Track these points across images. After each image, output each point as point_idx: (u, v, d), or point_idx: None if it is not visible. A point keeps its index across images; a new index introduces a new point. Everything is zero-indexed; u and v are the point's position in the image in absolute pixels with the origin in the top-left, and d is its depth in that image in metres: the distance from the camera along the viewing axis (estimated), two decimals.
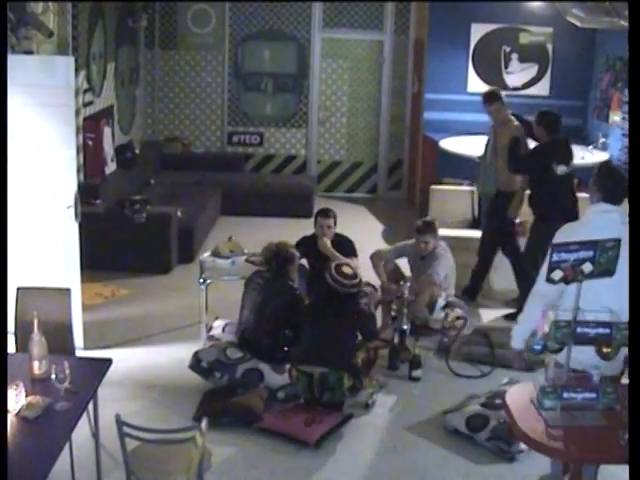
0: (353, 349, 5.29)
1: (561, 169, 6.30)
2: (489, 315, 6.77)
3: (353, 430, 5.02)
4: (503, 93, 7.16)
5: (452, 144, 9.01)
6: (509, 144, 6.65)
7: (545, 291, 3.88)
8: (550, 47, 9.62)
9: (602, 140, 8.88)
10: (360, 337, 5.38)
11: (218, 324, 5.92)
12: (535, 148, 6.62)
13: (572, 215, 5.97)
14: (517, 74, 9.70)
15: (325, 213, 6.37)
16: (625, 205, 3.82)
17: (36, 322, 3.91)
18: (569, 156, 6.44)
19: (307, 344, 5.22)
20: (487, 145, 7.25)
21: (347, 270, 5.33)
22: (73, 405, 3.67)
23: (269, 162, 10.81)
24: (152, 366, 5.78)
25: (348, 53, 10.60)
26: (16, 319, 4.61)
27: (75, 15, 7.38)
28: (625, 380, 3.75)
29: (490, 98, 7.08)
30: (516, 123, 6.94)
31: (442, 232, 6.64)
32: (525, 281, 6.17)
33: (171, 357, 5.88)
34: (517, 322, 4.20)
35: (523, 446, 4.60)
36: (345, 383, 5.08)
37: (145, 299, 7.02)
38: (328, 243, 6.18)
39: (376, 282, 6.32)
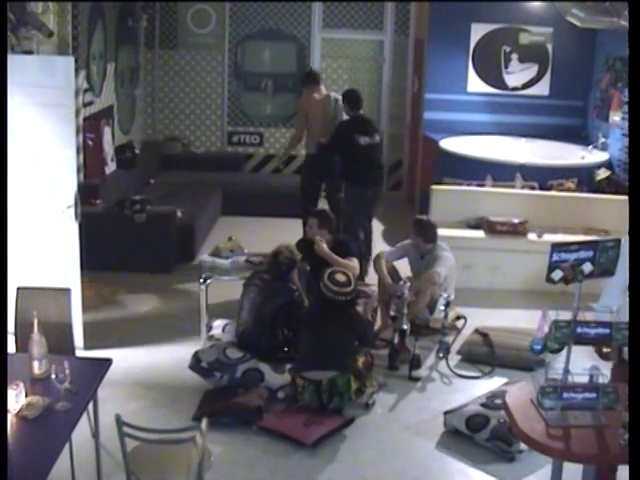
0: (354, 352, 5.29)
1: (363, 139, 7.25)
2: (489, 315, 6.77)
3: (353, 430, 5.02)
4: (503, 93, 7.30)
5: (452, 144, 9.01)
6: (329, 138, 7.60)
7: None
8: (550, 47, 9.62)
9: (602, 140, 8.88)
10: (357, 342, 5.37)
11: (218, 324, 5.92)
12: (340, 124, 7.58)
13: (377, 181, 7.44)
14: (517, 74, 9.70)
15: (312, 213, 6.38)
16: None
17: (36, 322, 3.91)
18: (369, 129, 7.40)
19: (309, 351, 5.22)
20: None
21: (340, 277, 5.31)
22: (73, 405, 3.66)
23: (269, 162, 10.81)
24: (152, 366, 5.78)
25: (348, 53, 10.60)
26: (16, 319, 4.60)
27: (75, 15, 7.37)
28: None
29: (313, 79, 8.11)
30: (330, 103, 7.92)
31: (442, 232, 6.66)
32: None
33: (171, 357, 5.88)
34: None
35: (523, 446, 4.61)
36: (352, 386, 5.08)
37: (145, 299, 7.02)
38: (324, 246, 6.16)
39: (375, 282, 6.34)
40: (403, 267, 6.55)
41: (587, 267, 3.60)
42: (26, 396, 3.65)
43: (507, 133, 9.59)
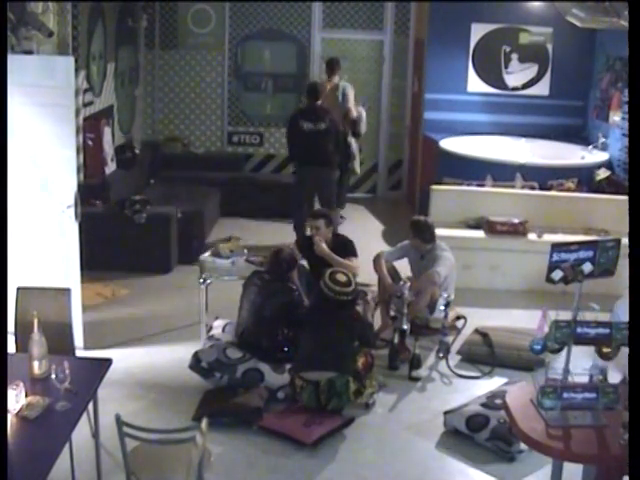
0: (354, 353, 5.28)
1: (307, 125, 8.08)
2: (489, 315, 6.77)
3: (353, 430, 5.02)
4: (503, 93, 7.32)
5: (452, 144, 9.01)
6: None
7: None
8: (550, 47, 9.62)
9: (602, 140, 8.88)
10: (358, 343, 5.37)
11: (218, 324, 5.92)
12: (293, 113, 8.56)
13: (321, 163, 8.14)
14: (517, 74, 9.70)
15: (313, 214, 6.36)
16: None
17: (36, 322, 3.91)
18: (314, 118, 8.12)
19: (308, 351, 5.21)
20: None
21: (341, 278, 5.30)
22: (73, 405, 3.66)
23: (269, 162, 10.81)
24: (152, 366, 5.78)
25: (348, 53, 10.60)
26: (16, 319, 4.60)
27: (75, 15, 7.37)
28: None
29: (327, 67, 9.14)
30: None
31: (442, 232, 6.65)
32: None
33: (171, 357, 5.88)
34: None
35: (523, 446, 4.60)
36: (351, 387, 5.07)
37: (145, 299, 7.02)
38: (324, 245, 6.15)
39: (375, 282, 6.34)
40: (403, 267, 6.55)
41: (587, 267, 3.60)
42: (26, 396, 3.65)
43: (507, 133, 9.59)
